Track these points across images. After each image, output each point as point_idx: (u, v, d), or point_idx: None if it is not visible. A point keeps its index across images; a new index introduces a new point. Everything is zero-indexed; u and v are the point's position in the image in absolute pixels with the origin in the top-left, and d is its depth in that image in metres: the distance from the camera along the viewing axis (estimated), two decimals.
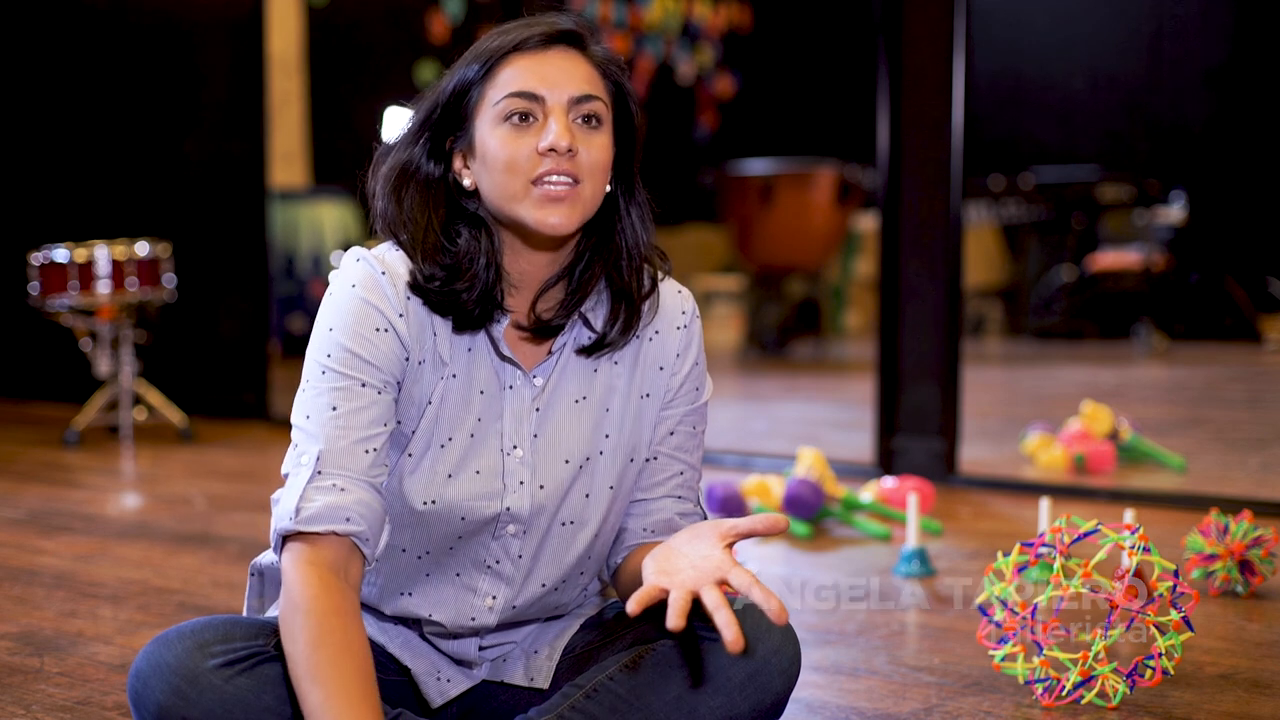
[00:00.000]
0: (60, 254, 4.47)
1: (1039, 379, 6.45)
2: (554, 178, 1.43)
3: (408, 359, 1.46)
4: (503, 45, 1.46)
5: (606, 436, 1.55)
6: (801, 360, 7.33)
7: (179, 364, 5.24)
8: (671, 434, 1.58)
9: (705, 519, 1.61)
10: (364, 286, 1.45)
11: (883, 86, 3.82)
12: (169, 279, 4.62)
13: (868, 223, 7.60)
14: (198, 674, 1.36)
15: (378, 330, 1.44)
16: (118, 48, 5.54)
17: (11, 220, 5.83)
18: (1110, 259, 7.66)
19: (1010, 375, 6.69)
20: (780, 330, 7.40)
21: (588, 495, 1.54)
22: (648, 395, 1.57)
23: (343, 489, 1.40)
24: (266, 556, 1.64)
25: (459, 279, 1.46)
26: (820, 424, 5.12)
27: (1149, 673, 1.91)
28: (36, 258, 4.50)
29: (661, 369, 1.57)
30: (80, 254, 4.47)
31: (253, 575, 1.65)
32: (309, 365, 1.45)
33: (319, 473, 1.40)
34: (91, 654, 2.21)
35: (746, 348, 7.56)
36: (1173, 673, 1.93)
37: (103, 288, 4.47)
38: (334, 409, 1.42)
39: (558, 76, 1.45)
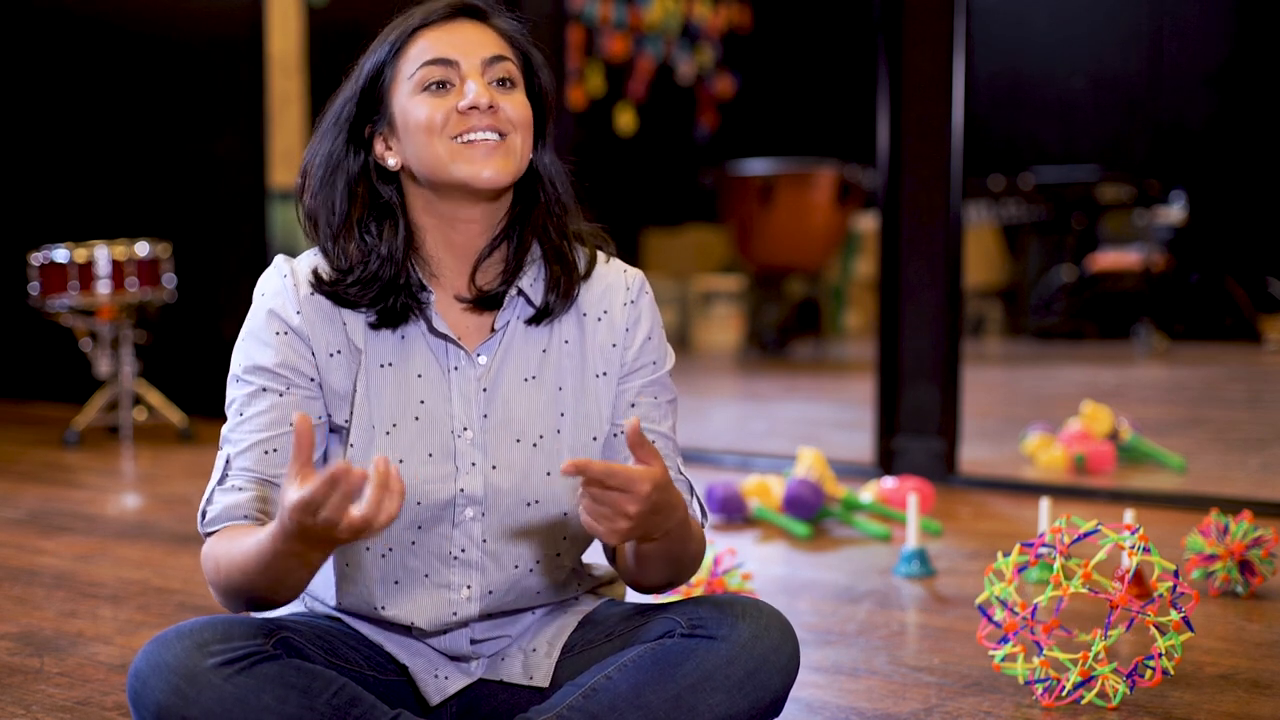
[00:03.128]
0: (60, 254, 4.47)
1: (1039, 379, 6.45)
2: (478, 133, 1.47)
3: (314, 354, 1.51)
4: (409, 24, 1.51)
5: (562, 415, 1.56)
6: (801, 360, 7.33)
7: (179, 364, 5.24)
8: (634, 405, 1.59)
9: (691, 487, 1.61)
10: (269, 294, 1.53)
11: (883, 86, 3.82)
12: (169, 279, 4.62)
13: (868, 223, 7.60)
14: (197, 673, 1.36)
15: (277, 334, 1.51)
16: (118, 48, 5.54)
17: (11, 220, 5.83)
18: (1110, 259, 7.66)
19: (1010, 375, 6.69)
20: (780, 330, 7.40)
21: (549, 474, 1.54)
22: (604, 374, 1.58)
23: (241, 489, 1.47)
24: None
25: (359, 277, 1.50)
26: (820, 424, 5.12)
27: (1149, 673, 1.91)
28: (36, 258, 4.51)
29: (614, 345, 1.58)
30: (80, 254, 4.47)
31: None
32: (228, 379, 1.54)
33: (225, 476, 1.48)
34: (91, 654, 2.21)
35: (746, 348, 7.56)
36: (1173, 673, 1.93)
37: (103, 288, 4.47)
38: (240, 415, 1.50)
39: (467, 42, 1.50)
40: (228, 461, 1.49)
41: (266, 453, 1.48)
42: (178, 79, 5.39)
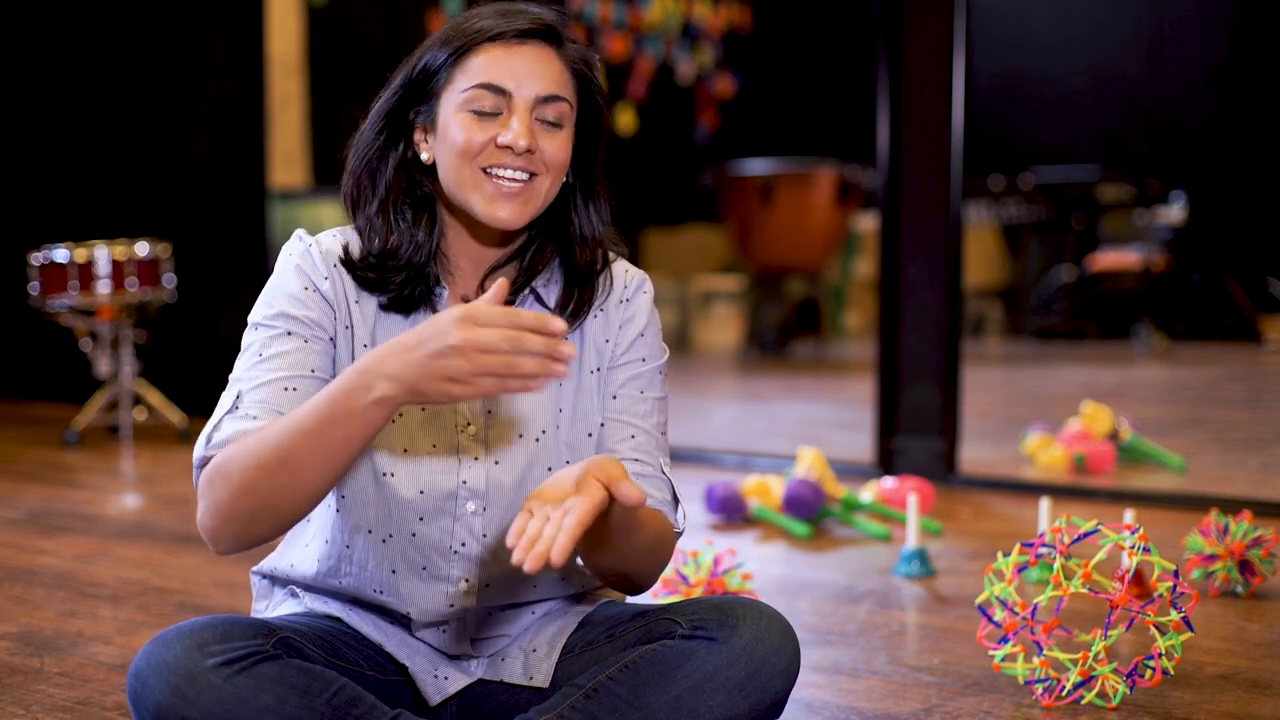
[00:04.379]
0: (60, 254, 4.47)
1: (1039, 379, 6.45)
2: (507, 171, 1.47)
3: (335, 317, 1.51)
4: (480, 32, 1.49)
5: (560, 411, 1.57)
6: (801, 360, 7.33)
7: (179, 364, 5.24)
8: (614, 398, 1.59)
9: (674, 490, 1.59)
10: (296, 255, 1.53)
11: (883, 86, 3.82)
12: (169, 279, 4.62)
13: (868, 223, 7.60)
14: (196, 673, 1.36)
15: (305, 289, 1.50)
16: (118, 48, 5.54)
17: (11, 220, 5.83)
18: (1110, 259, 7.66)
19: (1010, 375, 6.69)
20: (780, 330, 7.40)
21: (550, 469, 1.55)
22: (597, 369, 1.59)
23: (255, 417, 1.43)
24: (270, 562, 1.66)
25: (388, 261, 1.51)
26: (820, 424, 5.12)
27: (1149, 673, 1.91)
28: (36, 258, 4.51)
29: (608, 341, 1.59)
30: (80, 254, 4.47)
31: (263, 578, 1.67)
32: (245, 331, 1.51)
33: (236, 407, 1.44)
34: (91, 654, 2.21)
35: (746, 348, 7.56)
36: (1173, 673, 1.93)
37: (103, 288, 4.47)
38: (260, 355, 1.47)
39: (527, 73, 1.49)
40: (239, 395, 1.44)
41: (286, 389, 1.45)
42: (178, 79, 5.39)
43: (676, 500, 1.59)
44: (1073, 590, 1.88)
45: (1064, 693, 1.92)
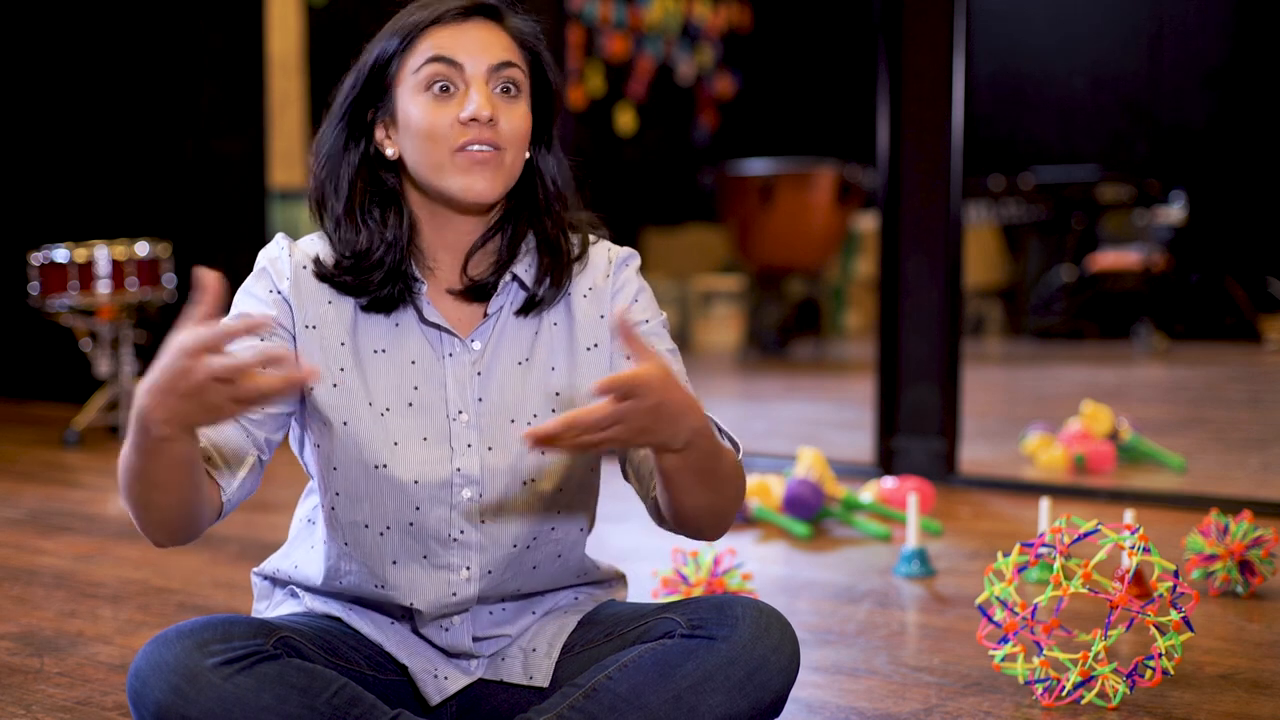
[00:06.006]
0: (60, 254, 4.47)
1: (1039, 379, 6.45)
2: (475, 146, 1.48)
3: (294, 320, 1.52)
4: (422, 19, 1.51)
5: (557, 394, 1.56)
6: (801, 360, 7.33)
7: None
8: (628, 358, 1.58)
9: (716, 423, 1.55)
10: (264, 258, 1.55)
11: (883, 86, 3.81)
12: (169, 279, 4.62)
13: (868, 223, 7.60)
14: (197, 673, 1.36)
15: (270, 292, 1.52)
16: (118, 47, 5.54)
17: (11, 220, 5.83)
18: (1110, 259, 7.66)
19: (1010, 375, 6.69)
20: (780, 330, 7.40)
21: (544, 451, 1.54)
22: (595, 345, 1.58)
23: None
24: (272, 564, 1.66)
25: (362, 263, 1.52)
26: (820, 424, 5.12)
27: (1149, 673, 1.91)
28: (36, 258, 4.51)
29: (602, 317, 1.59)
30: (80, 254, 4.47)
31: (264, 579, 1.67)
32: None
33: None
34: (91, 654, 2.21)
35: (746, 348, 7.56)
36: (1173, 673, 1.93)
37: (103, 288, 4.47)
38: None
39: (476, 45, 1.49)
40: None
41: None
42: (178, 78, 5.39)
43: (721, 430, 1.56)
44: (1073, 590, 1.88)
45: (1064, 693, 1.92)
